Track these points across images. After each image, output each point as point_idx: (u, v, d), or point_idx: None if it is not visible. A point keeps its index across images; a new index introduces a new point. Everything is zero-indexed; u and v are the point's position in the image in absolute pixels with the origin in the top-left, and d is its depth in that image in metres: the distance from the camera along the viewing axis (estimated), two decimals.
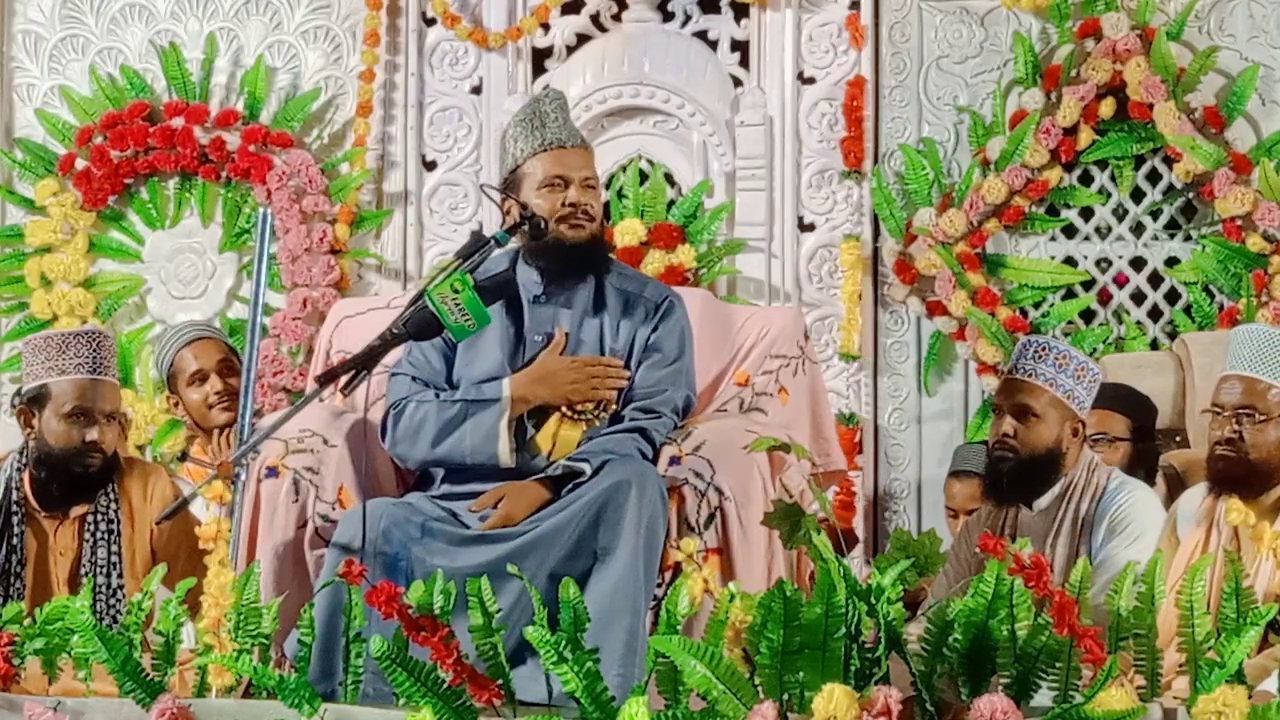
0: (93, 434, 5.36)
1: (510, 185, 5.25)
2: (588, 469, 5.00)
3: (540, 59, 7.77)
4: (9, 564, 5.29)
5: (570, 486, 5.00)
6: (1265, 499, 5.06)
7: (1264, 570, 4.91)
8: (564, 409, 5.15)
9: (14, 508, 5.35)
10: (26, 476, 5.41)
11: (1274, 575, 4.89)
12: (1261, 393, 5.08)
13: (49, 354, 5.44)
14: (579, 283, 5.27)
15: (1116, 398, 6.21)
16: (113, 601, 5.28)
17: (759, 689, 3.97)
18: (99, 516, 5.36)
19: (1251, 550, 4.95)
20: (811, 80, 7.58)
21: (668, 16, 7.71)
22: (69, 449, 5.36)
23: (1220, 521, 5.06)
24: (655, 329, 5.26)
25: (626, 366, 5.23)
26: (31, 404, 5.43)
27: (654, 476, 4.99)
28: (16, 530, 5.32)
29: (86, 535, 5.34)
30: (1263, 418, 5.06)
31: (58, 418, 5.38)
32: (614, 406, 5.19)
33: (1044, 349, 5.59)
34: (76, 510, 5.38)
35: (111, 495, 5.40)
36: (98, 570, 5.29)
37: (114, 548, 5.34)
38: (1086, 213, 7.45)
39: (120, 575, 5.32)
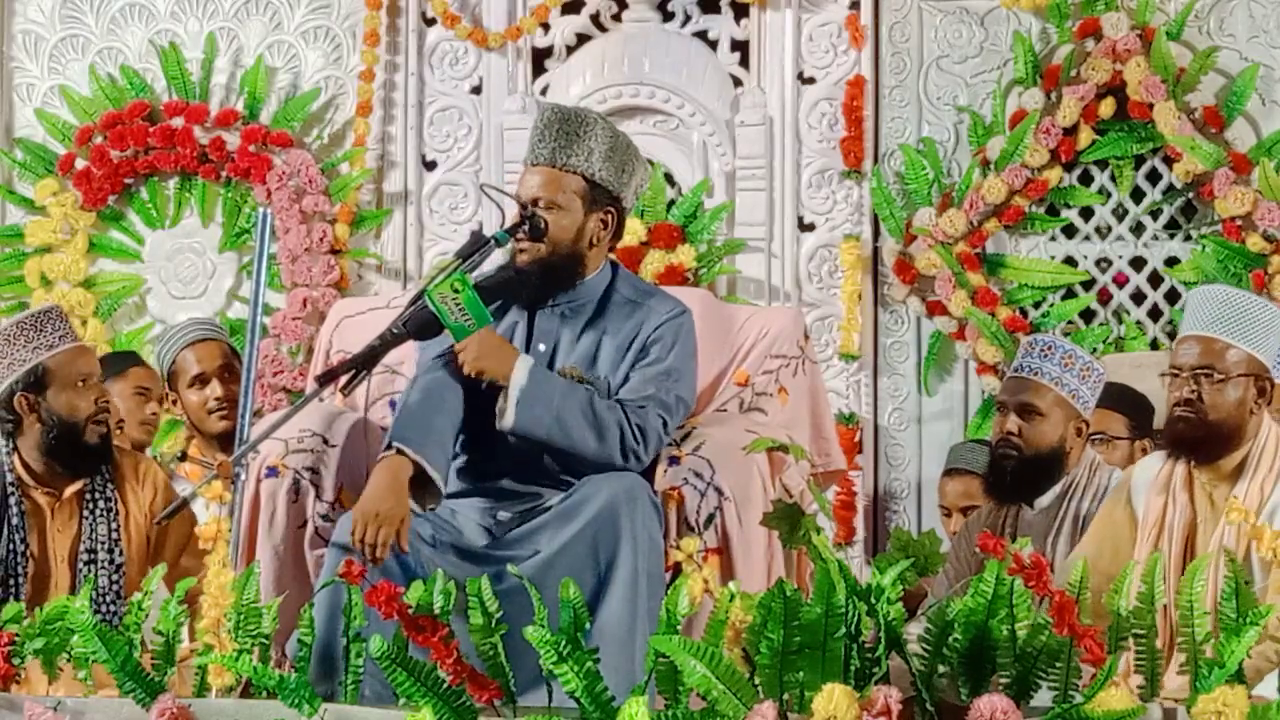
0: (91, 398, 5.34)
1: None
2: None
3: (540, 59, 7.77)
4: (12, 543, 5.27)
5: None
6: (1224, 464, 4.94)
7: (1228, 537, 4.83)
8: None
9: (9, 488, 5.33)
10: (17, 460, 5.37)
11: (1241, 543, 4.81)
12: (1219, 352, 4.92)
13: (25, 338, 5.38)
14: (547, 301, 5.19)
15: (1115, 397, 6.22)
16: (116, 576, 5.27)
17: (759, 689, 3.97)
18: (97, 495, 5.33)
19: (1211, 520, 4.89)
20: (811, 80, 7.58)
21: (668, 16, 7.72)
22: (83, 417, 5.31)
23: (1176, 490, 4.99)
24: (650, 339, 5.16)
25: (623, 379, 5.20)
26: (31, 388, 5.37)
27: (643, 490, 4.96)
28: (16, 511, 5.30)
29: (86, 512, 5.32)
30: (1221, 377, 4.90)
31: (68, 390, 5.34)
32: None
33: (1050, 348, 5.59)
34: (71, 488, 5.36)
35: (107, 475, 5.37)
36: (99, 545, 5.28)
37: (114, 524, 5.32)
38: (1086, 213, 7.45)
39: (122, 553, 5.31)
